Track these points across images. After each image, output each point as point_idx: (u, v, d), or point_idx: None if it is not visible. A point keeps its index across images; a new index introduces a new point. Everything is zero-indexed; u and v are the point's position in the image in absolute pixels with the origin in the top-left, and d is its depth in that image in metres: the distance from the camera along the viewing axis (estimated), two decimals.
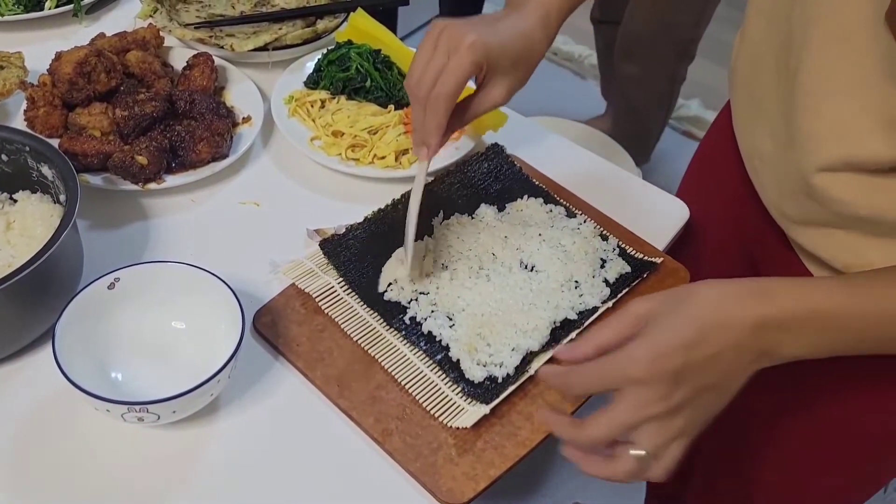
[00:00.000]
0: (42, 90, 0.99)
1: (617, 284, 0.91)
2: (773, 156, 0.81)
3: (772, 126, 0.80)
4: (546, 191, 1.02)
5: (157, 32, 1.12)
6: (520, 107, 1.16)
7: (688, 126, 2.74)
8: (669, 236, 1.01)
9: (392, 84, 1.11)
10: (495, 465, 0.76)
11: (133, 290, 0.80)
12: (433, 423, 0.78)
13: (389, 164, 1.02)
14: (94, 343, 0.77)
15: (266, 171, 1.04)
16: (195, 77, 1.07)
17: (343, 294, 0.87)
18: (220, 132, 0.99)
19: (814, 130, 0.72)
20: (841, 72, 0.69)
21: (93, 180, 0.95)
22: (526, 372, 0.82)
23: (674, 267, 0.95)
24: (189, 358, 0.80)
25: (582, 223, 0.97)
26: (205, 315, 0.80)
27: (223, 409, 0.79)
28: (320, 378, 0.81)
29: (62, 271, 0.80)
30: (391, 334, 0.84)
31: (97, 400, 0.69)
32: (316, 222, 0.95)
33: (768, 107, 0.81)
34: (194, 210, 0.98)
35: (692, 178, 1.14)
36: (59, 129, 1.00)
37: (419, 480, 0.74)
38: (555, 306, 0.86)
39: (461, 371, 0.81)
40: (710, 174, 1.07)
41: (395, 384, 0.81)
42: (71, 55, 1.00)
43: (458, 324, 0.84)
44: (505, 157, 1.05)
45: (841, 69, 0.69)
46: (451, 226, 0.94)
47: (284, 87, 1.11)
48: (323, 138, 1.05)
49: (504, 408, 0.80)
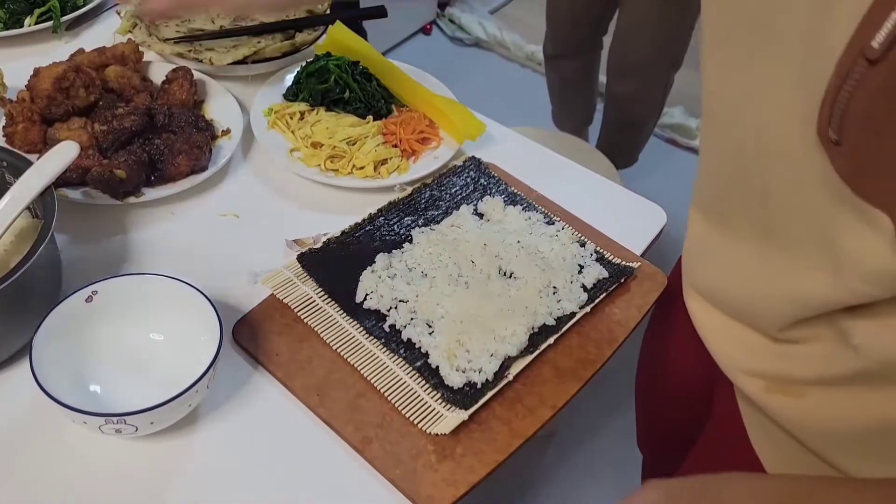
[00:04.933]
0: (20, 106, 1.00)
1: (595, 290, 0.91)
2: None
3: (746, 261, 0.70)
4: (524, 198, 1.02)
5: (136, 47, 1.13)
6: (502, 118, 1.18)
7: (671, 134, 2.76)
8: (647, 241, 1.02)
9: (371, 95, 1.12)
10: (475, 470, 0.76)
11: (111, 303, 0.80)
12: (413, 430, 0.78)
13: (368, 174, 1.03)
14: (72, 356, 0.77)
15: (246, 182, 1.05)
16: (174, 91, 1.07)
17: (322, 303, 0.88)
18: (199, 145, 1.00)
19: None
20: (792, 192, 0.59)
21: (72, 195, 0.95)
22: (505, 377, 0.82)
23: (651, 271, 0.96)
24: (168, 370, 0.80)
25: (560, 230, 0.98)
26: (183, 327, 0.81)
27: (203, 420, 0.79)
28: (300, 388, 0.81)
29: (40, 285, 0.81)
30: (371, 342, 0.85)
31: (74, 412, 0.69)
32: (296, 233, 0.95)
33: (743, 229, 0.69)
34: (174, 223, 0.98)
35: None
36: (38, 144, 1.00)
37: (399, 488, 0.75)
38: (533, 312, 0.87)
39: (440, 377, 0.81)
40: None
41: (375, 392, 0.81)
42: (49, 71, 1.01)
43: (438, 331, 0.85)
44: (483, 168, 1.06)
45: (791, 190, 0.59)
46: (430, 234, 0.95)
47: (264, 99, 1.11)
48: (302, 150, 1.05)
49: (483, 413, 0.80)
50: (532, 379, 0.84)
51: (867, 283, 0.55)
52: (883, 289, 0.55)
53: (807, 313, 0.63)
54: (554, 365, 0.85)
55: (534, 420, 0.80)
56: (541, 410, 0.81)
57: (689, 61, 2.17)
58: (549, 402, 0.82)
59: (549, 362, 0.85)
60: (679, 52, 2.09)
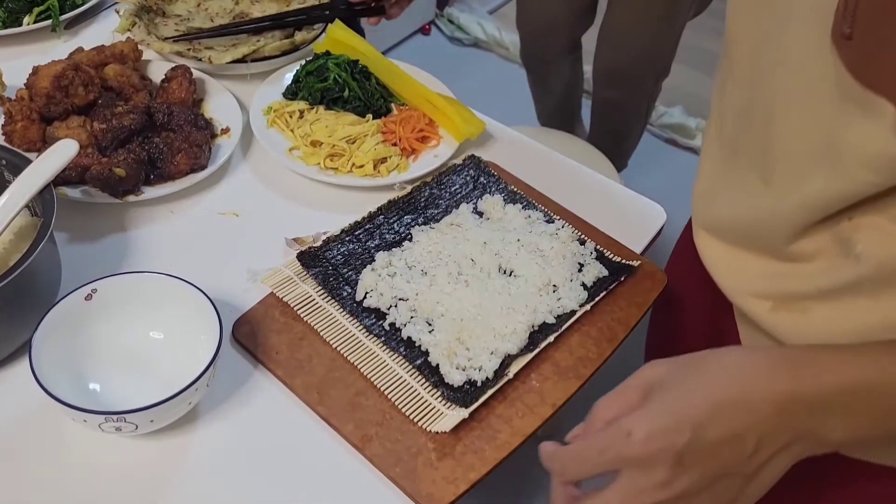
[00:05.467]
0: (19, 104, 1.00)
1: (594, 288, 0.91)
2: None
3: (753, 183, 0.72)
4: (524, 197, 1.02)
5: (136, 46, 1.13)
6: (502, 117, 1.18)
7: (671, 134, 2.76)
8: (647, 239, 1.02)
9: (370, 94, 1.12)
10: (475, 468, 0.76)
11: (111, 301, 0.80)
12: (413, 429, 0.78)
13: (368, 172, 1.03)
14: (72, 354, 0.77)
15: (245, 181, 1.05)
16: (173, 89, 1.07)
17: (322, 302, 0.87)
18: (199, 143, 1.00)
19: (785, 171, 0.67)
20: (798, 105, 0.63)
21: (71, 193, 0.95)
22: (505, 375, 0.82)
23: (651, 270, 0.96)
24: (168, 368, 0.80)
25: (560, 228, 0.97)
26: (183, 325, 0.80)
27: (203, 419, 0.79)
28: (300, 386, 0.81)
29: (39, 284, 0.80)
30: (370, 341, 0.85)
31: (74, 410, 0.69)
32: (295, 231, 0.95)
33: (748, 160, 0.73)
34: (173, 221, 0.98)
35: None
36: (37, 142, 1.00)
37: (399, 485, 0.75)
38: (533, 310, 0.87)
39: (440, 376, 0.81)
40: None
41: (375, 390, 0.81)
42: (48, 69, 1.00)
43: (438, 329, 0.84)
44: (483, 166, 1.06)
45: (798, 102, 0.63)
46: (430, 232, 0.95)
47: (263, 98, 1.11)
48: (301, 148, 1.05)
49: (483, 412, 0.80)
50: (532, 377, 0.83)
51: (867, 168, 0.57)
52: (883, 174, 0.57)
53: (814, 216, 0.65)
54: (554, 363, 0.85)
55: (534, 418, 0.80)
56: (541, 409, 0.81)
57: (689, 60, 2.18)
58: (550, 401, 0.82)
59: (550, 360, 0.85)
60: (666, 60, 2.09)
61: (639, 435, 0.52)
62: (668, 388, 0.55)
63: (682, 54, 2.14)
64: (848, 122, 0.57)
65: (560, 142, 1.91)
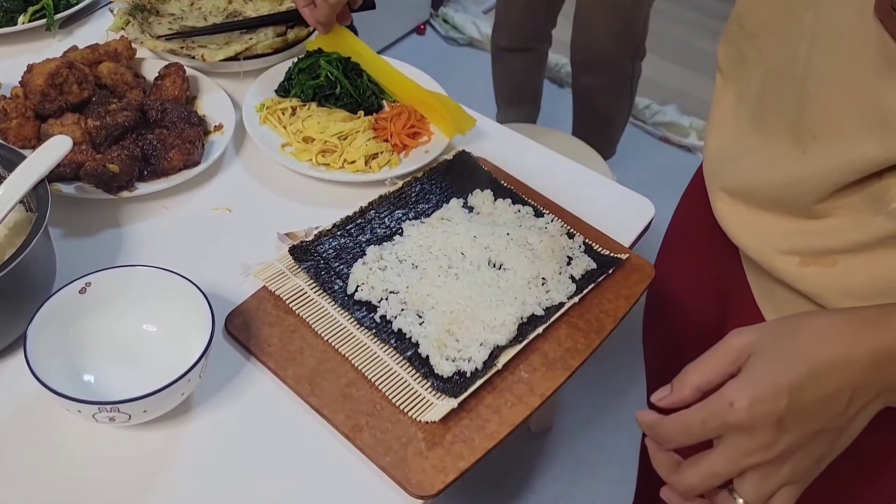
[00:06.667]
0: (14, 102, 1.01)
1: (583, 280, 0.92)
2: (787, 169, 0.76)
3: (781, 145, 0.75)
4: (514, 191, 1.04)
5: (129, 44, 1.14)
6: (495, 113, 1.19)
7: (665, 132, 2.78)
8: (636, 233, 1.03)
9: (361, 91, 1.13)
10: (464, 457, 0.77)
11: (105, 295, 0.81)
12: (403, 419, 0.79)
13: (359, 168, 1.04)
14: (66, 347, 0.78)
15: (238, 177, 1.06)
16: (167, 87, 1.08)
17: (314, 295, 0.89)
18: (192, 140, 1.01)
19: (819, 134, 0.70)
20: (837, 74, 0.66)
21: (65, 189, 0.96)
22: (494, 366, 0.83)
23: (639, 263, 0.97)
24: (161, 360, 0.81)
25: (549, 222, 0.99)
26: (176, 318, 0.81)
27: (196, 409, 0.80)
28: (292, 377, 0.82)
29: (34, 278, 0.81)
30: (361, 333, 0.86)
31: (68, 400, 0.70)
32: (287, 226, 0.96)
33: (778, 125, 0.76)
34: (167, 217, 0.99)
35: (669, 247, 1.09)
36: (31, 139, 1.01)
37: (389, 474, 0.76)
38: (522, 302, 0.88)
39: (430, 366, 0.82)
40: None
41: (366, 381, 0.82)
42: (43, 67, 1.02)
43: (428, 321, 0.86)
44: (473, 162, 1.07)
45: (836, 71, 0.66)
46: (421, 227, 0.96)
47: (256, 95, 1.12)
48: (294, 144, 1.06)
49: (472, 402, 0.81)
50: (521, 368, 0.85)
51: None
52: None
53: (851, 179, 0.67)
54: (543, 354, 0.86)
55: (522, 408, 0.81)
56: (529, 399, 0.82)
57: (680, 58, 2.20)
58: (538, 391, 0.83)
59: (538, 351, 0.86)
60: (639, 39, 2.16)
61: (741, 403, 0.55)
62: (763, 355, 0.57)
63: (674, 53, 2.16)
64: (892, 89, 0.61)
65: (550, 138, 1.93)
